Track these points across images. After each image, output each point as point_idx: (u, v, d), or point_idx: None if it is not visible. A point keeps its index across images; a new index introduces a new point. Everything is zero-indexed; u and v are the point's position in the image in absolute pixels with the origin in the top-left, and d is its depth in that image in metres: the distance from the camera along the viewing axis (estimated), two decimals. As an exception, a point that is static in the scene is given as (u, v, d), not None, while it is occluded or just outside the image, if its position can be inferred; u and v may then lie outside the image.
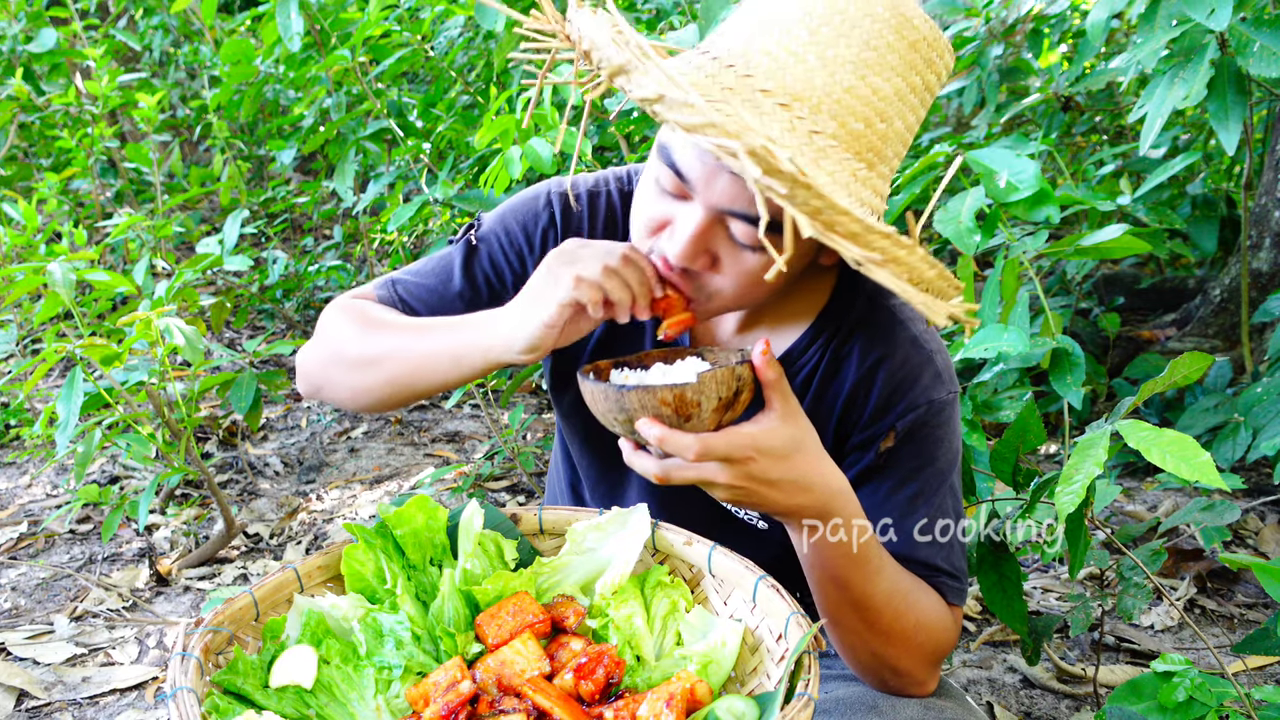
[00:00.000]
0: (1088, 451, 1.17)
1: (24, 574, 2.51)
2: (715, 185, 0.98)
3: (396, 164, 3.17)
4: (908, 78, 0.96)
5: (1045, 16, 3.06)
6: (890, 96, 0.95)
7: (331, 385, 1.24)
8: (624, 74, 0.85)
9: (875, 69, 0.94)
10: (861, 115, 0.94)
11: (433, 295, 1.28)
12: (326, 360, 1.24)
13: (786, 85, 0.92)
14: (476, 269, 1.27)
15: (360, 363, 1.19)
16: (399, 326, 1.19)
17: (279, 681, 0.96)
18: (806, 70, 0.92)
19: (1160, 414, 2.91)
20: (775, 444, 0.97)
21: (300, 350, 1.29)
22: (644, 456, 0.99)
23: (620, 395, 0.95)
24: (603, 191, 1.28)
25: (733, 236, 1.01)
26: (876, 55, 0.94)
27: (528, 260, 1.27)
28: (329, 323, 1.26)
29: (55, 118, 4.14)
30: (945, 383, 1.19)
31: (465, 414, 3.63)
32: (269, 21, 2.90)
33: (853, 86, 0.93)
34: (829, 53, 0.93)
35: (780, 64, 0.93)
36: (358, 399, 1.22)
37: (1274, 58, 1.69)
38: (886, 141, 0.97)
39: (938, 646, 1.16)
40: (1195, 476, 1.05)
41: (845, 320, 1.20)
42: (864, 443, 1.19)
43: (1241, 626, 2.18)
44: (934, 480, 1.18)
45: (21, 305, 3.36)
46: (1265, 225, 2.99)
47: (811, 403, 1.21)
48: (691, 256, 1.02)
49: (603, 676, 0.98)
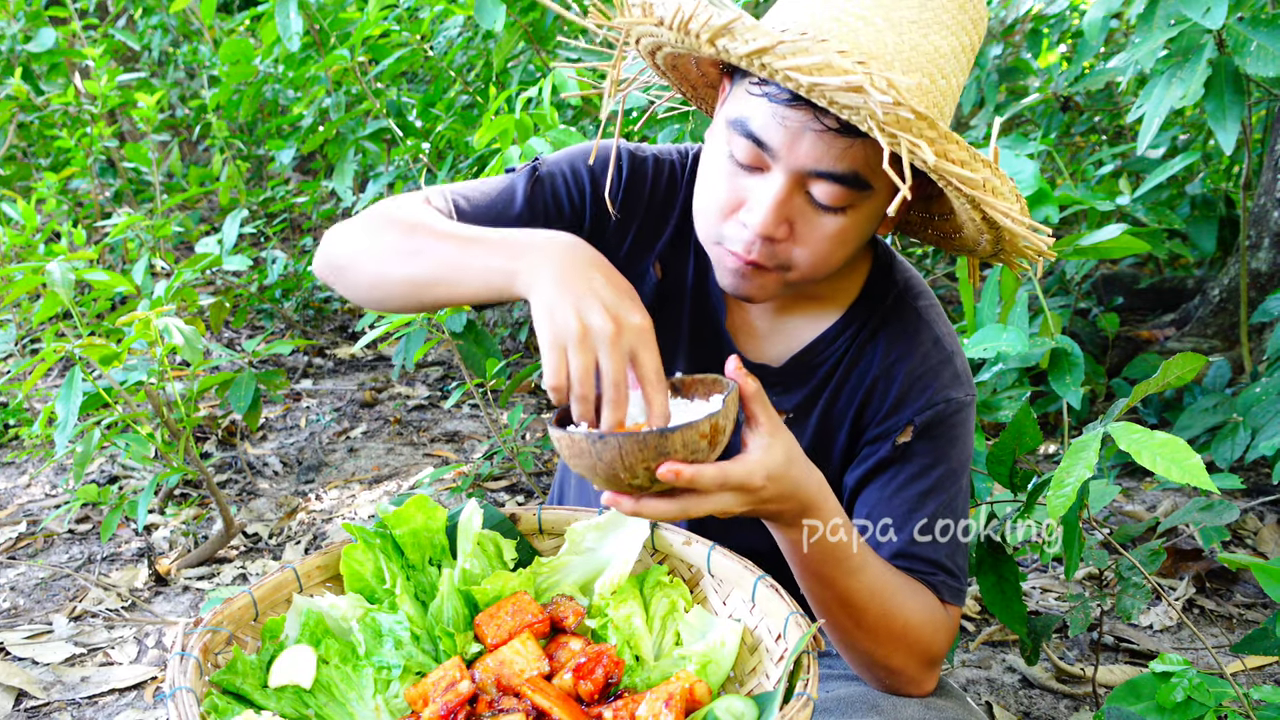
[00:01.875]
0: (1079, 454, 1.18)
1: (23, 574, 2.51)
2: (799, 148, 0.99)
3: (396, 164, 3.17)
4: (959, 37, 1.02)
5: (1044, 16, 3.06)
6: (947, 54, 1.01)
7: (356, 269, 1.15)
8: (727, 33, 0.90)
9: (934, 28, 1.00)
10: (927, 72, 0.99)
11: (492, 211, 1.23)
12: (360, 244, 1.15)
13: (860, 45, 0.97)
14: (539, 197, 1.25)
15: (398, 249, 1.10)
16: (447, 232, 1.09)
17: (278, 681, 0.96)
18: (876, 31, 0.98)
19: (1159, 414, 2.91)
20: (776, 463, 0.98)
21: (333, 229, 1.20)
22: (653, 501, 0.94)
23: (661, 439, 0.88)
24: (667, 161, 1.28)
25: (813, 200, 1.03)
26: (934, 14, 1.00)
27: (588, 199, 1.26)
28: (375, 212, 1.17)
29: (54, 117, 4.14)
30: (964, 384, 1.21)
31: (464, 414, 3.63)
32: (268, 21, 2.90)
33: (917, 44, 0.99)
34: (893, 14, 0.98)
35: (850, 28, 0.98)
36: (375, 289, 1.13)
37: (1271, 57, 1.69)
38: (946, 98, 1.02)
39: (930, 646, 1.16)
40: (1186, 479, 1.05)
41: (874, 314, 1.22)
42: (881, 435, 1.20)
43: (1240, 626, 2.18)
44: (946, 479, 1.19)
45: (20, 305, 3.36)
46: (1264, 225, 2.99)
47: (833, 392, 1.23)
48: (775, 224, 1.03)
49: (602, 676, 0.98)
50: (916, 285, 1.25)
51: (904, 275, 1.25)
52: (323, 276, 1.21)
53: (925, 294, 1.25)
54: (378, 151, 3.24)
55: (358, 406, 3.69)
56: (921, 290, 1.25)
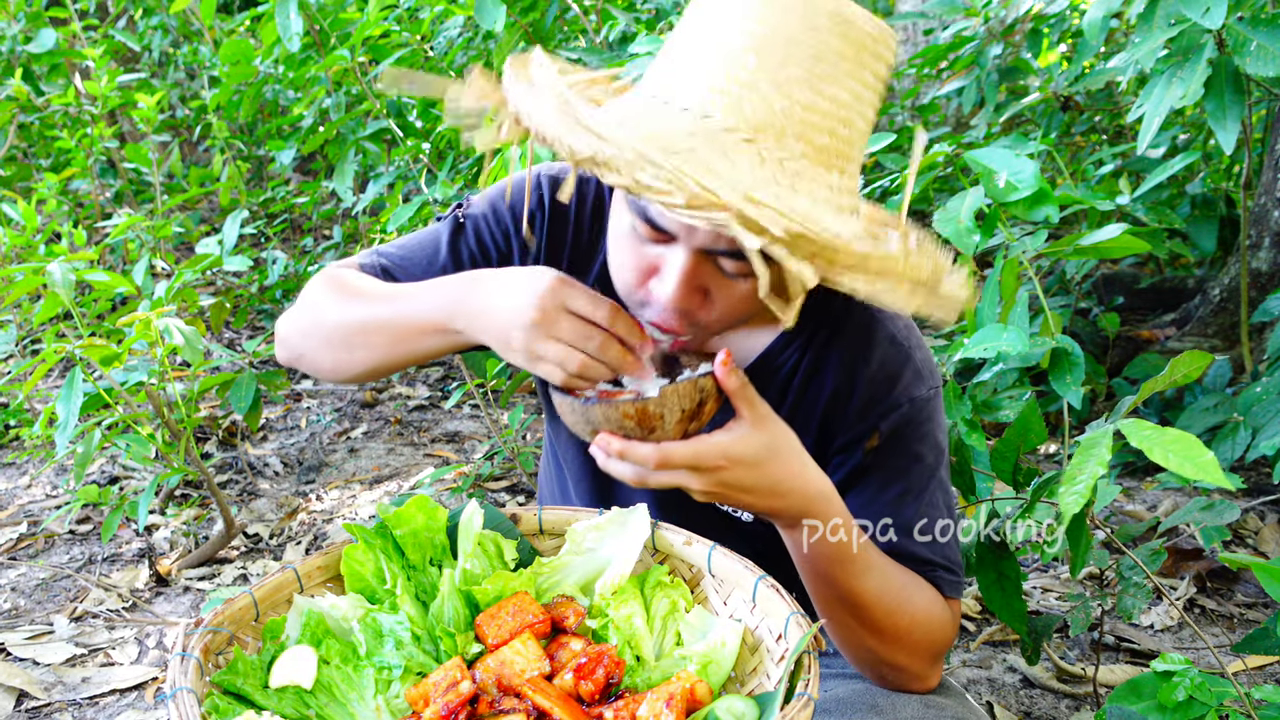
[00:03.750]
0: (1091, 451, 1.17)
1: (24, 574, 2.51)
2: (695, 233, 0.96)
3: (396, 164, 3.17)
4: (860, 77, 0.95)
5: (1044, 16, 3.06)
6: (848, 102, 0.94)
7: (311, 354, 1.23)
8: (594, 164, 0.84)
9: (829, 79, 0.92)
10: (825, 128, 0.92)
11: (416, 268, 1.27)
12: (306, 329, 1.23)
13: (747, 118, 0.90)
14: (462, 245, 1.27)
15: (340, 333, 1.17)
16: (377, 295, 1.17)
17: (279, 682, 0.96)
18: (762, 98, 0.90)
19: (1160, 414, 2.91)
20: (746, 451, 0.98)
21: (281, 317, 1.28)
22: (618, 462, 1.00)
23: (586, 409, 0.98)
24: (592, 181, 1.27)
25: (722, 270, 1.00)
26: (828, 66, 0.92)
27: (513, 240, 1.26)
28: (310, 291, 1.24)
29: (54, 118, 4.14)
30: (925, 379, 1.19)
31: (465, 414, 3.63)
32: (268, 22, 2.90)
33: (811, 103, 0.91)
34: (780, 75, 0.90)
35: (735, 98, 0.90)
36: (340, 370, 1.21)
37: (1271, 57, 1.69)
38: (851, 144, 0.96)
39: (935, 642, 1.16)
40: (1199, 475, 1.05)
41: (824, 318, 1.20)
42: (849, 444, 1.19)
43: (1241, 626, 2.18)
44: (922, 477, 1.18)
45: (21, 305, 3.36)
46: (1264, 225, 2.99)
47: (794, 402, 1.21)
48: (686, 298, 1.00)
49: (602, 677, 0.98)
50: None
51: None
52: (287, 364, 1.29)
53: None
54: (378, 152, 3.24)
55: (358, 407, 3.69)
56: None
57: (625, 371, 1.02)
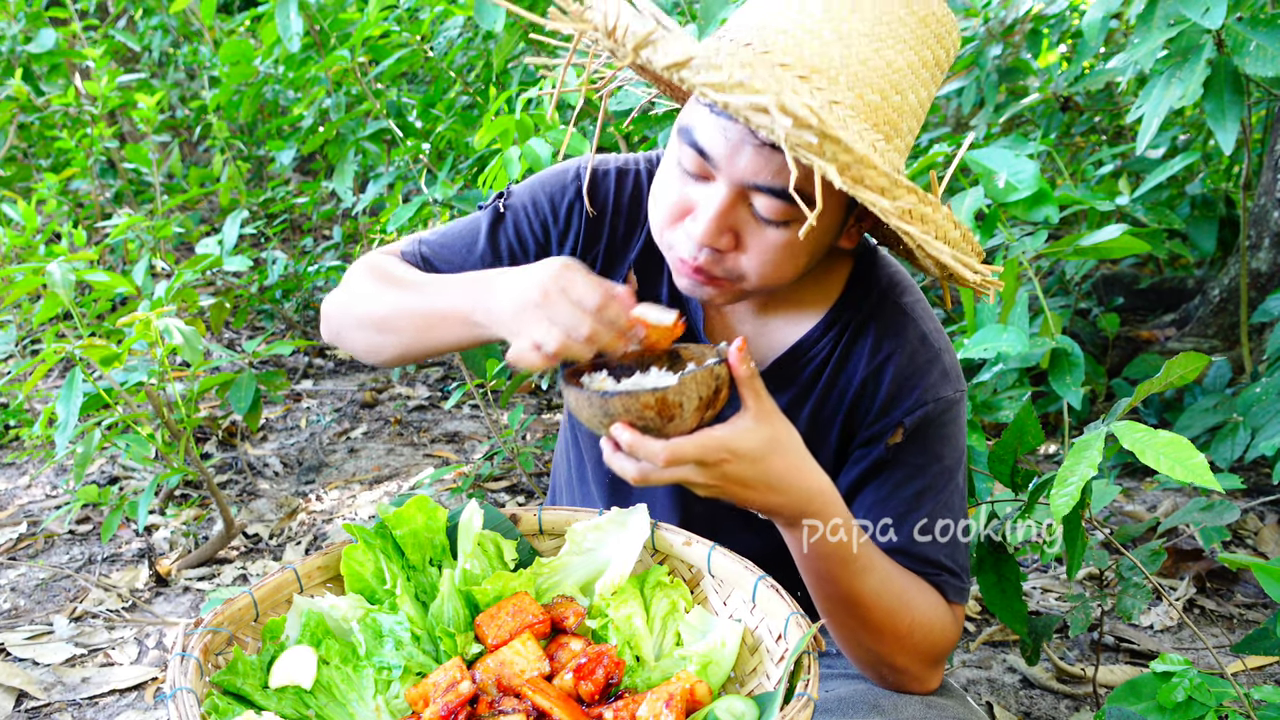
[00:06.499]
0: (1082, 453, 1.18)
1: (23, 574, 2.51)
2: (739, 160, 0.98)
3: (396, 164, 3.17)
4: (919, 52, 0.98)
5: (1044, 16, 3.06)
6: (904, 69, 0.97)
7: (348, 335, 1.27)
8: (650, 44, 0.88)
9: (889, 42, 0.96)
10: (878, 87, 0.95)
11: (456, 256, 1.29)
12: (345, 311, 1.26)
13: (804, 59, 0.93)
14: (501, 236, 1.28)
15: (373, 319, 1.21)
16: (410, 284, 1.21)
17: (278, 682, 0.96)
18: (822, 44, 0.94)
19: (1159, 414, 2.91)
20: (749, 445, 0.99)
21: (327, 296, 1.31)
22: (622, 458, 1.00)
23: (605, 401, 0.97)
24: (631, 170, 1.29)
25: (756, 213, 1.02)
26: (889, 29, 0.96)
27: (551, 232, 1.28)
28: (353, 276, 1.27)
29: (54, 118, 4.14)
30: (952, 381, 1.20)
31: (465, 414, 3.63)
32: (268, 22, 2.90)
33: (868, 59, 0.95)
34: (843, 27, 0.95)
35: (796, 40, 0.94)
36: (374, 353, 1.24)
37: (1271, 57, 1.69)
38: (902, 114, 0.98)
39: (935, 645, 1.16)
40: (1190, 478, 1.05)
41: (858, 313, 1.21)
42: (872, 438, 1.20)
43: (1241, 626, 2.18)
44: (941, 478, 1.19)
45: (21, 306, 3.36)
46: (1264, 225, 2.99)
47: (821, 394, 1.22)
48: (716, 235, 1.03)
49: (602, 677, 0.98)
50: (901, 281, 1.24)
51: (888, 272, 1.24)
52: (330, 341, 1.32)
53: (910, 289, 1.24)
54: (378, 152, 3.24)
55: (358, 407, 3.69)
56: (907, 286, 1.24)
57: (609, 350, 1.03)
